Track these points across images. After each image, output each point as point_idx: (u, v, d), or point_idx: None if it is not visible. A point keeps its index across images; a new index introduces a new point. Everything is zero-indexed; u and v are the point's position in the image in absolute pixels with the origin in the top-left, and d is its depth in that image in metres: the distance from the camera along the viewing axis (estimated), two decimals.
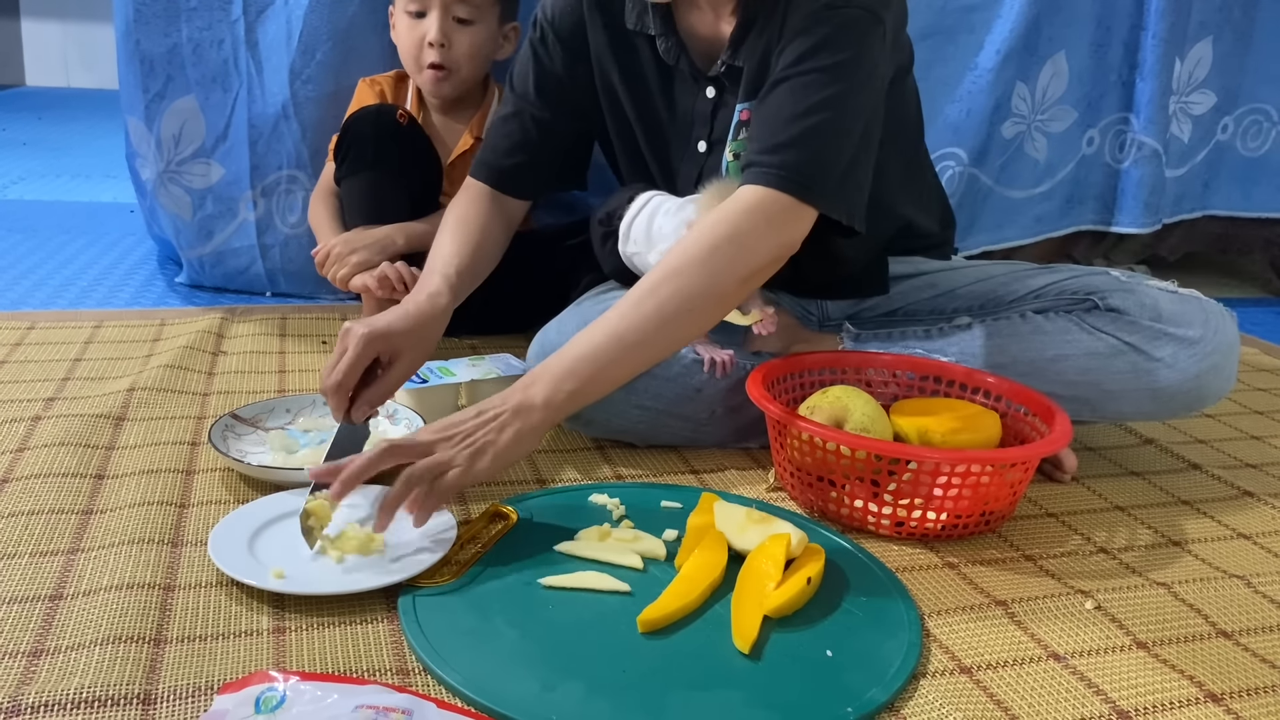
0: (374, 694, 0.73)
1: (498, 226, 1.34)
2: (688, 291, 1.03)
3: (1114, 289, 1.23)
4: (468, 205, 1.33)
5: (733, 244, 1.04)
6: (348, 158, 1.54)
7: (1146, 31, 1.99)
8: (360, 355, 1.07)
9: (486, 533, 1.03)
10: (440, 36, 1.57)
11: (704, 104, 1.24)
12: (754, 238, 1.05)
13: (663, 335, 1.05)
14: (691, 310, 1.04)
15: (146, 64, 1.72)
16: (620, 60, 1.28)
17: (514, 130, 1.34)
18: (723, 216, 1.06)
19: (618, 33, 1.26)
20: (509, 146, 1.34)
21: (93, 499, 1.06)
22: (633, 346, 1.03)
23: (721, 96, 1.23)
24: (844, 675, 0.84)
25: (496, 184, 1.34)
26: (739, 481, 1.20)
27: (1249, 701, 0.85)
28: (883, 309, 1.37)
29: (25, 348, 1.51)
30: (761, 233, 1.05)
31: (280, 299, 1.85)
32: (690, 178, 1.28)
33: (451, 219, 1.31)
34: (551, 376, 1.01)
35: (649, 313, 1.03)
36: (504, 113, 1.36)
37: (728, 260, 1.04)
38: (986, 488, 1.05)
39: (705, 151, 1.26)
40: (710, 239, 1.04)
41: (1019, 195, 2.06)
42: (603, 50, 1.28)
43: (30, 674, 0.78)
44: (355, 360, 1.06)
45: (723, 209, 1.06)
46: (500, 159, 1.34)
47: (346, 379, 1.06)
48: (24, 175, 2.97)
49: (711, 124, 1.25)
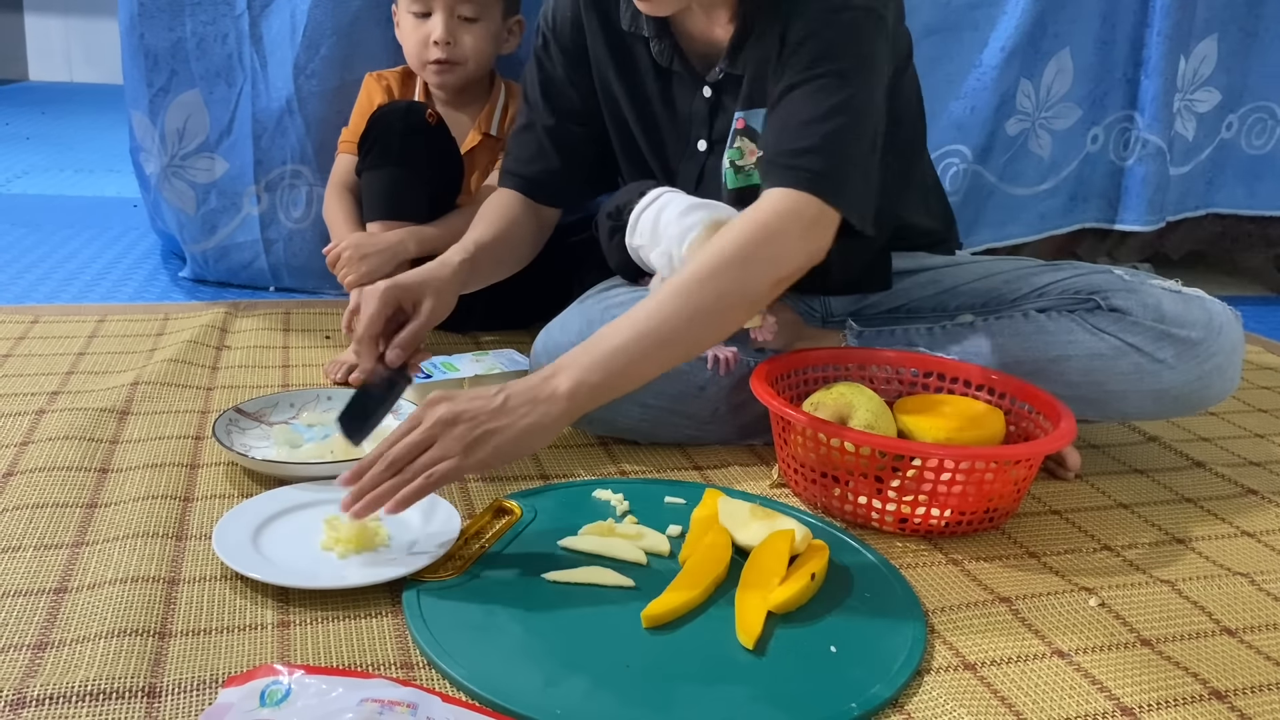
0: (379, 688, 0.73)
1: (528, 224, 1.35)
2: (720, 293, 1.01)
3: (1117, 289, 1.23)
4: (500, 198, 1.36)
5: (769, 246, 1.03)
6: (373, 150, 1.54)
7: (1151, 28, 1.99)
8: (381, 305, 1.08)
9: (490, 528, 1.03)
10: (446, 35, 1.57)
11: (701, 104, 1.24)
12: (788, 241, 1.04)
13: (691, 335, 1.03)
14: (722, 312, 1.03)
15: (151, 58, 1.72)
16: (617, 61, 1.28)
17: (530, 141, 1.36)
18: (756, 219, 1.04)
19: (614, 33, 1.27)
20: (529, 156, 1.36)
21: (97, 493, 1.06)
22: (661, 344, 1.00)
23: (719, 98, 1.23)
24: (848, 671, 0.84)
25: (526, 191, 1.36)
26: (742, 477, 1.20)
27: (1253, 699, 0.85)
28: (886, 305, 1.37)
29: (29, 342, 1.51)
30: (795, 237, 1.04)
31: (284, 294, 1.85)
32: (691, 177, 1.28)
33: (482, 211, 1.34)
34: (577, 368, 0.97)
35: (680, 312, 1.00)
36: (520, 123, 1.38)
37: (763, 263, 1.02)
38: (990, 484, 1.05)
39: (706, 151, 1.26)
40: (745, 241, 1.02)
41: (1023, 192, 2.06)
42: (600, 51, 1.29)
43: (35, 667, 0.78)
44: (378, 309, 1.08)
45: (755, 212, 1.05)
46: (523, 168, 1.36)
47: (371, 327, 1.08)
48: (27, 170, 2.97)
49: (711, 124, 1.25)
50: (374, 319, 1.08)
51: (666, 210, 1.20)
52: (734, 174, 1.23)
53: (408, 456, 0.91)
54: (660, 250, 1.19)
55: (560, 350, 1.18)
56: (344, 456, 1.12)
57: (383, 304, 1.09)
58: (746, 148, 1.21)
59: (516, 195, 1.36)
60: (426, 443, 0.91)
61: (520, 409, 0.94)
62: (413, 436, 0.91)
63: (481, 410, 0.93)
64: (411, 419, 0.93)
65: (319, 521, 0.98)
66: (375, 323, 1.09)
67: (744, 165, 1.22)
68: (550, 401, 0.95)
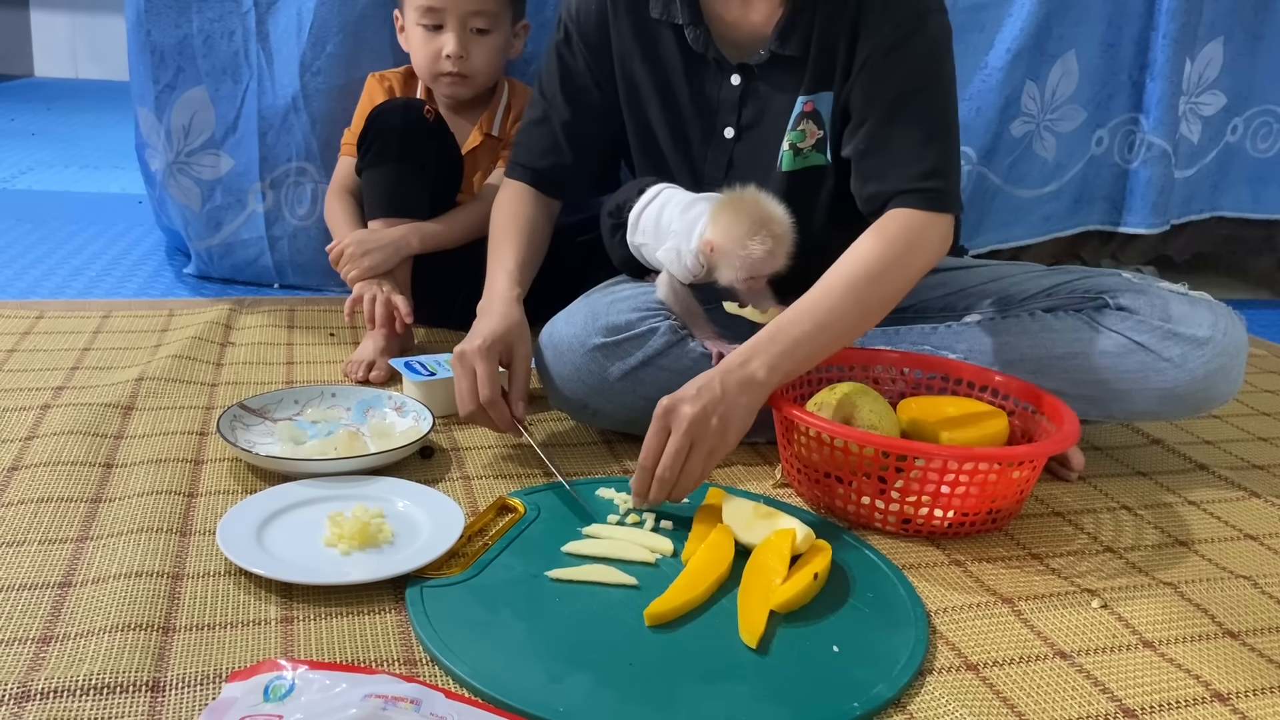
0: (382, 683, 0.73)
1: (543, 218, 1.37)
2: (882, 296, 1.12)
3: (1124, 289, 1.23)
4: (513, 202, 1.36)
5: (918, 257, 1.14)
6: (372, 148, 1.54)
7: (1157, 31, 1.98)
8: (491, 366, 1.13)
9: (494, 525, 1.03)
10: (460, 50, 1.57)
11: (730, 92, 1.26)
12: (928, 252, 1.15)
13: (857, 330, 1.14)
14: (878, 311, 1.14)
15: (157, 55, 1.72)
16: (644, 49, 1.29)
17: (544, 134, 1.36)
18: (910, 234, 1.13)
19: (641, 21, 1.28)
20: (542, 150, 1.36)
21: (101, 487, 1.07)
22: (836, 337, 1.11)
23: (750, 84, 1.25)
24: (850, 671, 0.84)
25: (534, 184, 1.37)
26: (745, 477, 1.20)
27: (1255, 701, 0.85)
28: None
29: (34, 337, 1.52)
30: (933, 249, 1.15)
31: (288, 291, 1.86)
32: (719, 164, 1.30)
33: (500, 219, 1.34)
34: (769, 355, 1.06)
35: (853, 310, 1.10)
36: (534, 116, 1.38)
37: (911, 269, 1.13)
38: (993, 485, 1.05)
39: (733, 139, 1.28)
40: (901, 251, 1.12)
41: (1027, 194, 2.06)
42: (626, 40, 1.29)
43: (40, 660, 0.78)
44: (490, 371, 1.13)
45: (905, 228, 1.13)
46: (535, 160, 1.37)
47: (494, 388, 1.13)
48: (33, 166, 2.98)
49: (739, 111, 1.27)
50: (492, 379, 1.13)
51: (667, 208, 1.21)
52: (792, 156, 1.25)
53: (678, 463, 1.00)
54: (667, 247, 1.19)
55: (564, 343, 1.19)
56: (347, 453, 1.12)
57: (491, 364, 1.13)
58: (810, 130, 1.24)
59: (526, 190, 1.36)
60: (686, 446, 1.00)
61: (736, 393, 1.03)
62: (676, 445, 1.00)
63: (712, 399, 1.01)
64: (659, 428, 1.01)
65: (323, 518, 0.98)
66: (495, 381, 1.13)
67: (804, 148, 1.25)
68: (755, 385, 1.05)
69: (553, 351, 1.21)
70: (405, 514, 1.02)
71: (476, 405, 1.13)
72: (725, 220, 1.13)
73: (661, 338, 1.19)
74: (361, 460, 1.11)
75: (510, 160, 1.40)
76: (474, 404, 1.13)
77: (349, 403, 1.28)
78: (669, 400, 1.02)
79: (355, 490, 1.06)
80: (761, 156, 1.27)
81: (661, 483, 1.00)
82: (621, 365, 1.19)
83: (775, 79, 1.23)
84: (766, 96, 1.25)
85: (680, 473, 1.00)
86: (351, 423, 1.24)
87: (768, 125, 1.26)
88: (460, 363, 1.14)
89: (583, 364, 1.19)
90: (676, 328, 1.21)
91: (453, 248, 1.55)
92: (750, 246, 1.12)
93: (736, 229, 1.13)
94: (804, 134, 1.24)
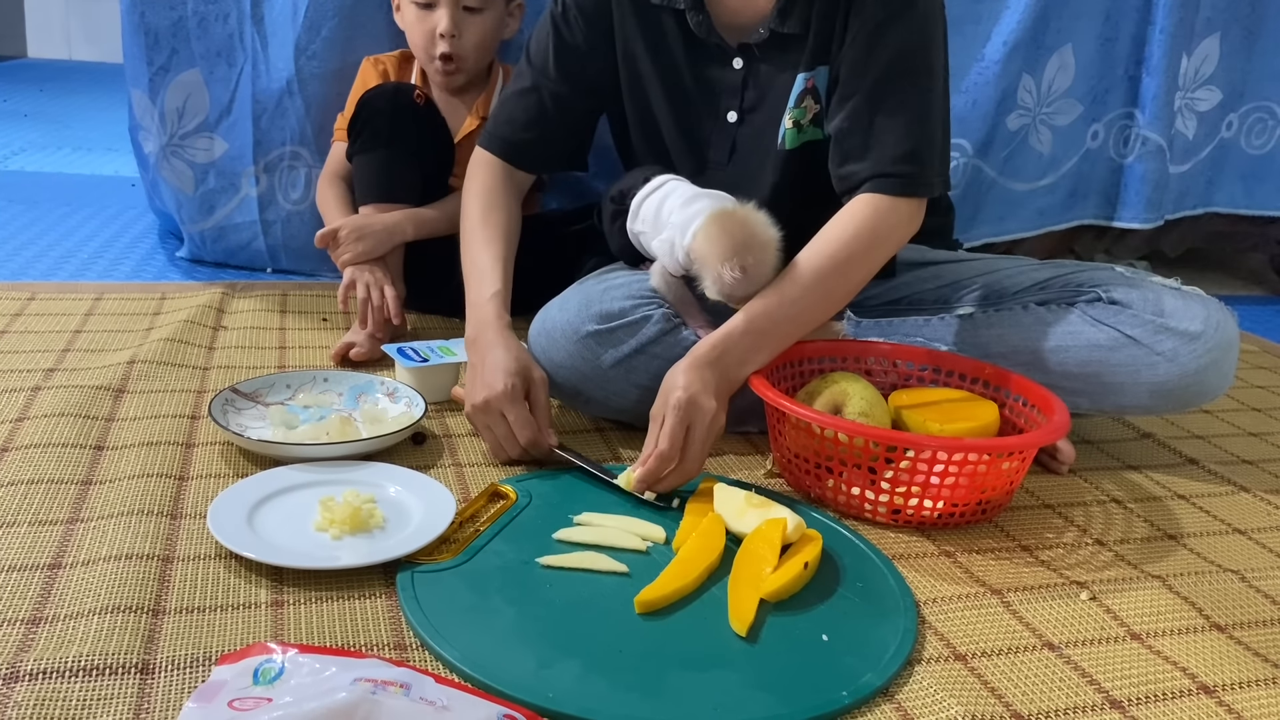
0: (372, 667, 0.73)
1: (515, 203, 1.36)
2: (848, 284, 1.16)
3: (1118, 283, 1.23)
4: (486, 193, 1.33)
5: (885, 242, 1.17)
6: (362, 134, 1.54)
7: (1154, 26, 1.98)
8: (521, 409, 1.12)
9: (485, 512, 1.03)
10: (452, 28, 1.56)
11: (732, 75, 1.26)
12: (897, 235, 1.18)
13: (825, 314, 1.19)
14: (844, 300, 1.19)
15: (151, 37, 1.71)
16: (645, 34, 1.28)
17: (531, 105, 1.34)
18: (877, 221, 1.15)
19: (642, 6, 1.27)
20: (525, 121, 1.34)
21: (92, 469, 1.06)
22: (802, 326, 1.16)
23: (751, 66, 1.25)
24: (840, 659, 0.84)
25: (508, 156, 1.35)
26: (737, 466, 1.21)
27: (1241, 694, 0.85)
28: (887, 297, 1.37)
29: (25, 318, 1.51)
30: (902, 231, 1.18)
31: (281, 275, 1.85)
32: (722, 147, 1.30)
33: (474, 210, 1.31)
34: (741, 350, 1.11)
35: (819, 299, 1.14)
36: (520, 86, 1.35)
37: (879, 253, 1.17)
38: (983, 476, 1.05)
39: (736, 122, 1.28)
40: (868, 237, 1.15)
41: (1022, 188, 2.06)
42: (627, 23, 1.29)
43: (29, 641, 0.78)
44: (523, 414, 1.12)
45: (874, 215, 1.15)
46: (516, 132, 1.35)
47: (533, 431, 1.13)
48: (25, 147, 2.96)
49: (742, 94, 1.27)
50: (528, 420, 1.12)
51: (670, 199, 1.20)
52: (795, 133, 1.25)
53: (678, 444, 1.04)
54: (663, 238, 1.19)
55: (557, 329, 1.19)
56: (339, 438, 1.12)
57: (521, 406, 1.13)
58: (810, 106, 1.24)
59: (497, 170, 1.34)
60: (683, 427, 1.05)
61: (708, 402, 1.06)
62: (673, 427, 1.04)
63: (699, 379, 1.06)
64: (659, 413, 1.06)
65: (314, 502, 0.98)
66: (530, 421, 1.13)
67: (804, 124, 1.25)
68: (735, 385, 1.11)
69: (546, 338, 1.21)
70: (396, 499, 1.02)
71: (520, 451, 1.13)
72: (708, 237, 1.11)
73: (655, 325, 1.19)
74: (353, 445, 1.10)
75: (487, 130, 1.37)
76: (518, 450, 1.13)
77: (341, 388, 1.28)
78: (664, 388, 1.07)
79: (347, 475, 1.06)
80: (764, 137, 1.27)
81: (660, 471, 1.05)
82: (615, 353, 1.19)
83: (776, 58, 1.23)
84: (768, 77, 1.24)
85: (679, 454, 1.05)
86: (344, 408, 1.24)
87: (770, 106, 1.26)
88: (486, 413, 1.12)
89: (576, 351, 1.19)
90: (670, 316, 1.21)
91: (447, 234, 1.55)
92: (722, 271, 1.10)
93: (716, 249, 1.10)
94: (805, 111, 1.24)
